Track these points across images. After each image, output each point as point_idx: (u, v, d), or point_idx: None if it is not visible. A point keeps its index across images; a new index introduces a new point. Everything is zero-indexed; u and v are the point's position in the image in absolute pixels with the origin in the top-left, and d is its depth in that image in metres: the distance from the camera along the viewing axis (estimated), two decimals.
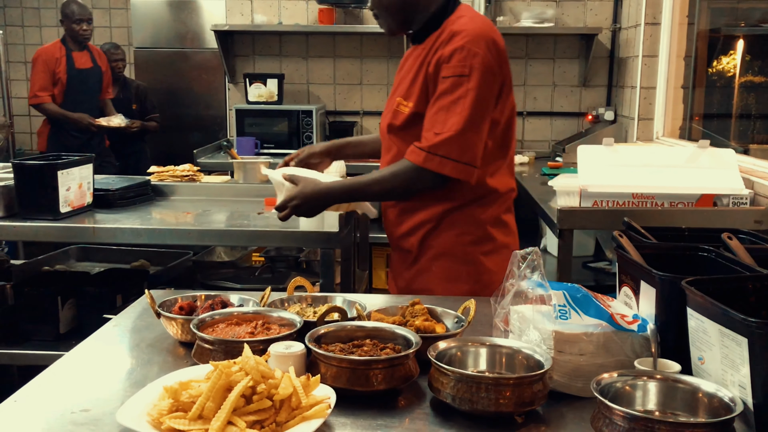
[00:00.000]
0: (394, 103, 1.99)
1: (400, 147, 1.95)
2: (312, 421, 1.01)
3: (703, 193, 2.41)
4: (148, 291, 1.48)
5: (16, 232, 2.40)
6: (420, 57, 1.93)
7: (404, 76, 1.99)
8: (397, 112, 1.96)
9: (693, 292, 1.12)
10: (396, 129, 1.97)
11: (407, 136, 1.92)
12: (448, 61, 1.83)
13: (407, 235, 2.00)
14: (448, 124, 1.81)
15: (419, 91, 1.89)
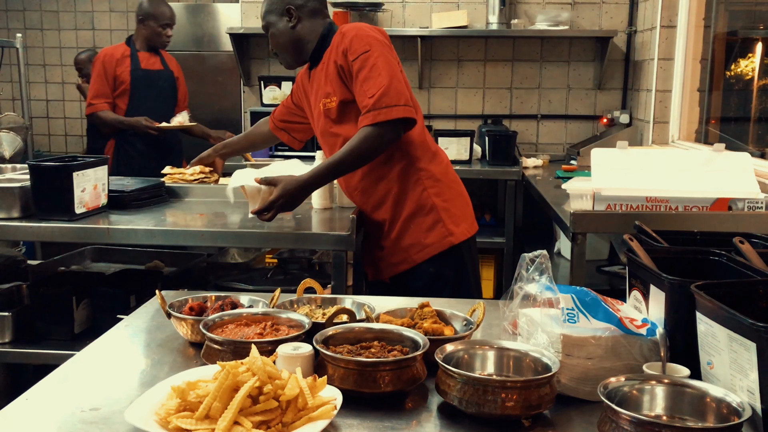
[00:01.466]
0: (319, 108, 2.36)
1: (345, 133, 2.27)
2: (318, 422, 1.02)
3: (718, 197, 2.39)
4: (158, 292, 1.50)
5: (31, 232, 2.42)
6: (323, 68, 2.32)
7: (317, 88, 2.38)
8: (327, 109, 2.32)
9: (702, 296, 1.11)
10: (333, 121, 2.32)
11: (346, 121, 2.28)
12: (351, 48, 2.19)
13: (376, 208, 2.34)
14: (375, 84, 2.14)
15: (338, 85, 2.25)
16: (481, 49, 4.80)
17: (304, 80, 2.51)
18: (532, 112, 4.86)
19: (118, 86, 4.17)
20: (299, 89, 2.59)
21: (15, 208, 2.44)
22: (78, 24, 6.41)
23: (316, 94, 2.39)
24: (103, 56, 4.19)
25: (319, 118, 2.40)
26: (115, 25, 6.38)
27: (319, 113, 2.37)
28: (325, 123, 2.36)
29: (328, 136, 2.39)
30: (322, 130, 2.40)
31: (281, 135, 2.75)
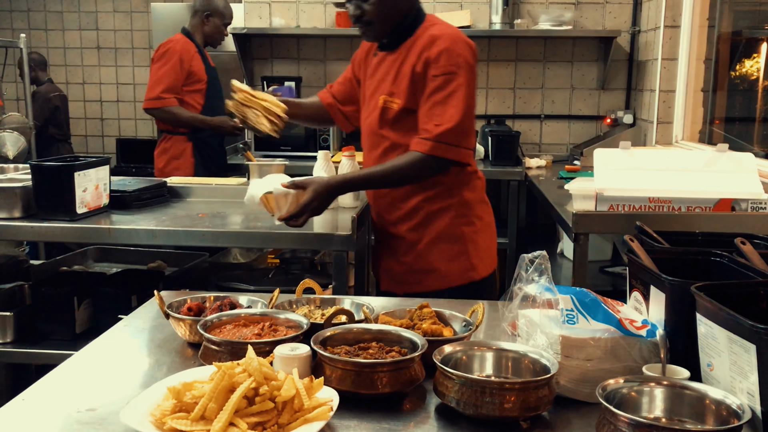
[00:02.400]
0: (377, 101, 2.19)
1: (394, 140, 2.16)
2: (314, 423, 1.01)
3: (721, 198, 2.37)
4: (157, 292, 1.49)
5: (33, 232, 2.42)
6: (398, 61, 2.15)
7: (382, 78, 2.19)
8: (386, 108, 2.15)
9: (702, 297, 1.10)
10: (388, 123, 2.17)
11: (399, 128, 2.15)
12: (437, 62, 2.05)
13: (402, 221, 2.21)
14: (447, 115, 2.03)
15: (407, 90, 2.10)
16: (484, 49, 4.79)
17: (368, 58, 2.30)
18: (535, 113, 4.85)
19: (192, 82, 3.88)
20: (359, 66, 2.37)
21: (16, 208, 2.44)
22: (82, 24, 6.43)
23: (378, 83, 2.21)
24: (181, 49, 3.84)
25: (372, 111, 2.23)
26: (119, 26, 6.39)
27: (375, 107, 2.20)
28: (377, 120, 2.20)
29: (374, 135, 2.24)
30: (371, 126, 2.24)
31: (335, 114, 2.47)
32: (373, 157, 2.24)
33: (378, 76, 2.21)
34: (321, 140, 4.46)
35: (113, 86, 6.50)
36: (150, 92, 3.81)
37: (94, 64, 6.47)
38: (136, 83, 6.44)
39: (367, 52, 2.32)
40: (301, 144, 4.48)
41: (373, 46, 2.28)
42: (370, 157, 2.27)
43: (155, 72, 3.82)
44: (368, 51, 2.32)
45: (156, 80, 3.80)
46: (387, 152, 2.18)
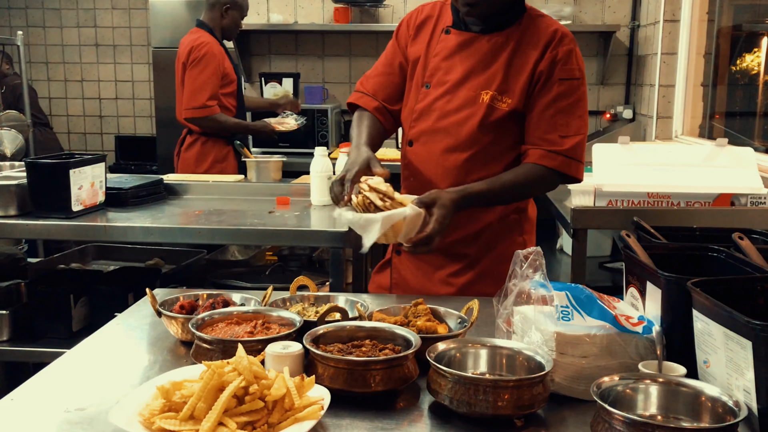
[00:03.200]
0: (473, 96, 1.81)
1: (488, 145, 1.82)
2: (305, 422, 1.00)
3: (721, 193, 2.36)
4: (149, 290, 1.48)
5: (28, 230, 2.41)
6: (505, 50, 1.81)
7: (475, 66, 1.82)
8: (491, 108, 1.80)
9: (698, 293, 1.09)
10: (487, 126, 1.81)
11: (500, 133, 1.83)
12: (565, 64, 1.79)
13: (465, 241, 1.87)
14: (573, 127, 1.80)
15: (523, 89, 1.80)
16: None
17: (431, 32, 1.91)
18: None
19: (225, 84, 3.69)
20: (409, 40, 1.95)
21: (12, 206, 2.43)
22: (80, 21, 6.41)
23: (469, 71, 1.83)
24: (217, 50, 3.65)
25: (462, 106, 1.82)
26: (117, 23, 6.37)
27: (469, 101, 1.82)
28: (475, 120, 1.81)
29: (459, 136, 1.83)
30: (456, 124, 1.83)
31: (386, 121, 1.98)
32: (461, 158, 1.83)
33: (467, 61, 1.83)
34: (319, 136, 4.45)
35: (112, 83, 6.48)
36: (193, 100, 3.58)
37: (93, 61, 6.45)
38: (135, 80, 6.42)
39: (424, 22, 1.94)
40: (298, 140, 4.47)
41: (434, 17, 1.93)
42: (440, 161, 1.85)
43: (195, 78, 3.58)
44: (427, 22, 1.94)
45: (198, 87, 3.58)
46: (474, 159, 1.82)
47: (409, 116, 1.92)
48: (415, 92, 1.92)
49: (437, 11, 1.95)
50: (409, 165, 1.92)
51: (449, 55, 1.86)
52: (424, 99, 1.88)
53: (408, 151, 1.93)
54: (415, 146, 1.90)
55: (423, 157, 1.88)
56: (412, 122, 1.90)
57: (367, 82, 2.00)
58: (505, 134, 1.83)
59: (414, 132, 1.90)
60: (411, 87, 1.94)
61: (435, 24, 1.92)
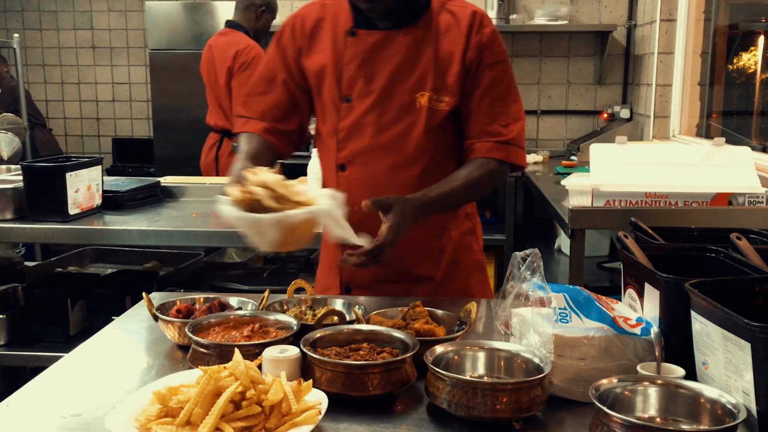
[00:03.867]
0: (407, 101, 1.63)
1: (436, 153, 1.67)
2: (302, 427, 0.99)
3: (718, 192, 2.36)
4: (145, 294, 1.48)
5: (25, 233, 2.41)
6: (428, 44, 1.64)
7: (399, 67, 1.63)
8: (431, 110, 1.63)
9: (696, 294, 1.09)
10: (434, 131, 1.66)
11: (446, 136, 1.69)
12: (491, 47, 1.65)
13: (429, 265, 1.74)
14: (512, 113, 1.69)
15: (457, 84, 1.64)
16: None
17: (331, 35, 1.68)
18: (531, 108, 4.83)
19: None
20: (302, 50, 1.71)
21: (9, 210, 2.43)
22: (77, 24, 6.40)
23: (394, 74, 1.63)
24: (262, 53, 3.52)
25: (400, 115, 1.64)
26: (114, 25, 6.36)
27: (406, 108, 1.64)
28: (418, 127, 1.65)
29: (399, 148, 1.67)
30: (399, 135, 1.65)
31: (278, 141, 1.75)
32: (402, 181, 1.65)
33: (389, 63, 1.64)
34: None
35: (109, 86, 6.46)
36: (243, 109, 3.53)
37: (89, 63, 6.44)
38: (132, 82, 6.41)
39: (316, 27, 1.70)
40: None
41: (328, 20, 1.70)
42: (388, 182, 1.66)
43: (244, 84, 3.42)
44: (320, 26, 1.70)
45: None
46: (427, 171, 1.67)
47: (332, 137, 1.69)
48: (333, 109, 1.68)
49: (328, 12, 1.71)
50: (347, 193, 1.56)
51: (366, 60, 1.65)
52: (349, 115, 1.66)
53: (340, 178, 1.68)
54: (349, 171, 1.67)
55: (363, 182, 1.66)
56: (340, 144, 1.68)
57: (250, 105, 1.76)
58: (451, 136, 1.71)
59: (345, 155, 1.67)
60: (321, 104, 1.72)
61: (332, 27, 1.69)
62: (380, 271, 1.66)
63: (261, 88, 1.76)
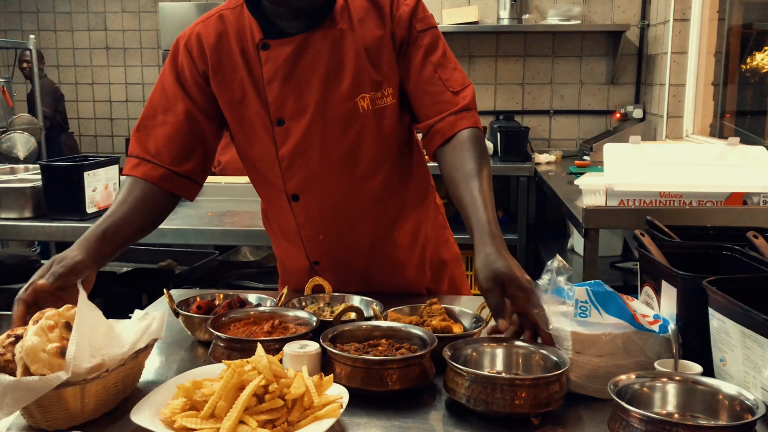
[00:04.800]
0: (348, 109, 1.47)
1: (397, 153, 1.55)
2: (324, 420, 1.01)
3: (733, 192, 2.36)
4: (166, 290, 1.50)
5: (43, 232, 2.44)
6: (350, 37, 1.47)
7: (339, 69, 1.46)
8: (378, 111, 1.48)
9: (714, 291, 1.09)
10: (388, 131, 1.52)
11: (400, 129, 1.55)
12: (416, 15, 1.48)
13: (411, 272, 1.67)
14: (460, 79, 1.50)
15: (391, 70, 1.48)
16: (493, 45, 4.78)
17: (250, 58, 1.47)
18: (544, 108, 4.84)
19: None
20: (209, 78, 1.50)
21: (27, 208, 2.46)
22: (90, 25, 6.45)
23: (325, 81, 1.46)
24: None
25: (341, 118, 1.48)
26: (128, 26, 6.41)
27: (345, 118, 1.48)
28: (361, 132, 1.50)
29: (339, 160, 1.51)
30: (336, 144, 1.49)
31: (178, 188, 1.53)
32: (366, 195, 1.55)
33: (315, 71, 1.46)
34: None
35: (122, 86, 6.52)
36: None
37: (103, 64, 6.50)
38: (145, 83, 6.46)
39: (218, 44, 1.49)
40: None
41: (230, 35, 1.48)
42: (351, 203, 1.54)
43: None
44: (223, 43, 1.49)
45: None
46: (392, 176, 1.56)
47: (270, 166, 1.53)
48: (264, 134, 1.50)
49: (228, 24, 1.50)
50: (308, 223, 1.55)
51: (288, 74, 1.46)
52: (287, 140, 1.49)
53: (295, 208, 1.55)
54: (303, 200, 1.54)
55: (323, 208, 1.54)
56: (284, 173, 1.52)
57: (144, 140, 1.51)
58: (406, 126, 1.57)
59: (294, 184, 1.52)
60: (244, 130, 1.53)
61: (238, 41, 1.48)
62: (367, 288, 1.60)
63: (156, 120, 1.52)
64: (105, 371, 1.07)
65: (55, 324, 1.11)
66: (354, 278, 1.62)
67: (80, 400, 1.05)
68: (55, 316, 1.13)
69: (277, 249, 1.75)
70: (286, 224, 1.61)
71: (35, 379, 1.00)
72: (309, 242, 1.59)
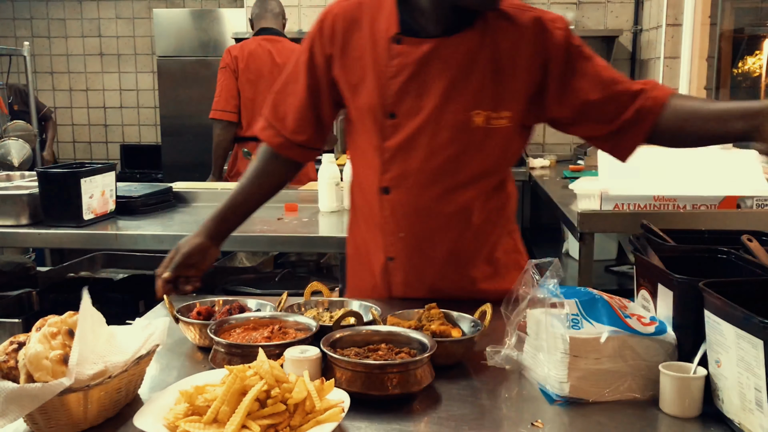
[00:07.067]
0: (462, 120, 1.49)
1: (494, 172, 1.58)
2: (326, 424, 1.02)
3: (726, 195, 2.38)
4: (166, 296, 1.50)
5: (40, 239, 2.44)
6: (485, 52, 1.48)
7: (465, 81, 1.48)
8: (488, 130, 1.50)
9: (710, 293, 1.11)
10: (491, 151, 1.54)
11: (505, 152, 1.58)
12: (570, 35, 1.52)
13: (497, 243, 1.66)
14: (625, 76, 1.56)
15: (521, 96, 1.51)
16: None
17: (379, 48, 1.51)
18: None
19: None
20: (334, 56, 1.56)
21: (24, 215, 2.46)
22: (85, 31, 6.46)
23: (448, 89, 1.48)
24: None
25: (450, 132, 1.50)
26: (122, 32, 6.41)
27: (456, 128, 1.50)
28: (464, 144, 1.51)
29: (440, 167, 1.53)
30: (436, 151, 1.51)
31: (296, 154, 1.69)
32: (453, 207, 1.56)
33: (442, 77, 1.48)
34: None
35: (116, 92, 6.52)
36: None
37: (98, 70, 6.50)
38: (140, 89, 6.46)
39: (351, 30, 1.54)
40: None
41: (365, 21, 1.53)
42: (437, 208, 1.55)
43: None
44: (355, 29, 1.54)
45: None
46: (479, 195, 1.58)
47: (374, 155, 1.56)
48: (373, 124, 1.54)
49: (365, 13, 1.54)
50: (393, 218, 1.58)
51: (415, 73, 1.49)
52: (396, 133, 1.52)
53: (383, 201, 1.58)
54: (394, 194, 1.56)
55: (409, 207, 1.56)
56: (384, 164, 1.55)
57: (277, 106, 1.66)
58: (515, 152, 1.61)
59: (391, 177, 1.55)
60: (359, 115, 1.58)
61: (371, 32, 1.52)
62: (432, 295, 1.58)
63: (288, 88, 1.65)
64: (107, 377, 1.08)
65: (58, 331, 1.12)
66: (424, 283, 1.63)
67: (83, 406, 1.05)
68: (57, 323, 1.14)
69: (354, 239, 1.75)
70: (371, 215, 1.63)
71: (38, 386, 1.01)
72: (389, 237, 1.60)
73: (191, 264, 1.62)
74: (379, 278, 1.66)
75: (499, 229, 1.66)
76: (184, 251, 1.63)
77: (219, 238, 1.69)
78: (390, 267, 1.64)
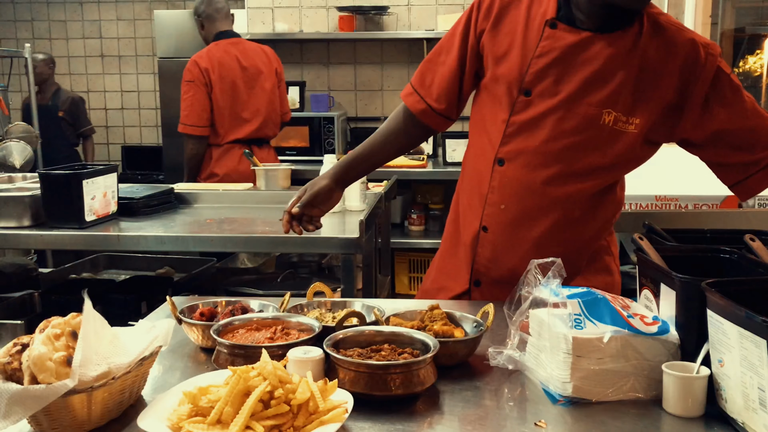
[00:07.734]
0: (593, 115, 1.52)
1: (605, 176, 1.60)
2: (329, 425, 1.02)
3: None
4: (169, 297, 1.50)
5: (42, 240, 2.44)
6: (634, 58, 1.51)
7: (606, 79, 1.51)
8: (615, 131, 1.53)
9: (713, 293, 1.11)
10: (612, 153, 1.56)
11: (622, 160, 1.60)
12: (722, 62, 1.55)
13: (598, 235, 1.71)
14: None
15: (655, 108, 1.54)
16: None
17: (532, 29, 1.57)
18: None
19: None
20: (488, 30, 1.61)
21: (26, 217, 2.46)
22: (85, 33, 6.46)
23: (587, 82, 1.51)
24: None
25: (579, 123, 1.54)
26: (123, 33, 6.42)
27: (585, 121, 1.53)
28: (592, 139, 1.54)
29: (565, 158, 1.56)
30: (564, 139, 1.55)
31: (435, 122, 1.75)
32: (559, 194, 1.58)
33: (585, 69, 1.52)
34: (326, 144, 4.48)
35: (118, 94, 6.52)
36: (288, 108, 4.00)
37: (99, 72, 6.50)
38: (141, 90, 6.47)
39: (509, 7, 1.60)
40: (305, 148, 4.50)
41: (523, 2, 1.59)
42: (543, 192, 1.58)
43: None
44: (513, 7, 1.60)
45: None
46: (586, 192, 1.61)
47: (498, 129, 1.61)
48: (506, 97, 1.59)
49: None
50: (500, 189, 1.61)
51: (560, 58, 1.53)
52: (525, 110, 1.56)
53: (495, 172, 1.62)
54: (507, 167, 1.59)
55: (520, 183, 1.59)
56: (506, 137, 1.59)
57: (425, 74, 1.73)
58: (638, 160, 1.63)
59: (508, 150, 1.59)
60: (492, 88, 1.63)
61: (527, 11, 1.58)
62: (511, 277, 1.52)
63: (440, 58, 1.71)
64: (111, 379, 1.08)
65: (62, 333, 1.12)
66: (507, 264, 1.65)
67: (87, 407, 1.05)
68: (61, 324, 1.14)
69: (454, 211, 1.79)
70: (478, 184, 1.67)
71: (42, 387, 1.01)
72: (489, 207, 1.64)
73: (316, 204, 1.74)
74: (467, 250, 1.69)
75: (595, 230, 1.67)
76: (312, 191, 1.73)
77: (344, 183, 1.79)
78: (482, 238, 1.67)
